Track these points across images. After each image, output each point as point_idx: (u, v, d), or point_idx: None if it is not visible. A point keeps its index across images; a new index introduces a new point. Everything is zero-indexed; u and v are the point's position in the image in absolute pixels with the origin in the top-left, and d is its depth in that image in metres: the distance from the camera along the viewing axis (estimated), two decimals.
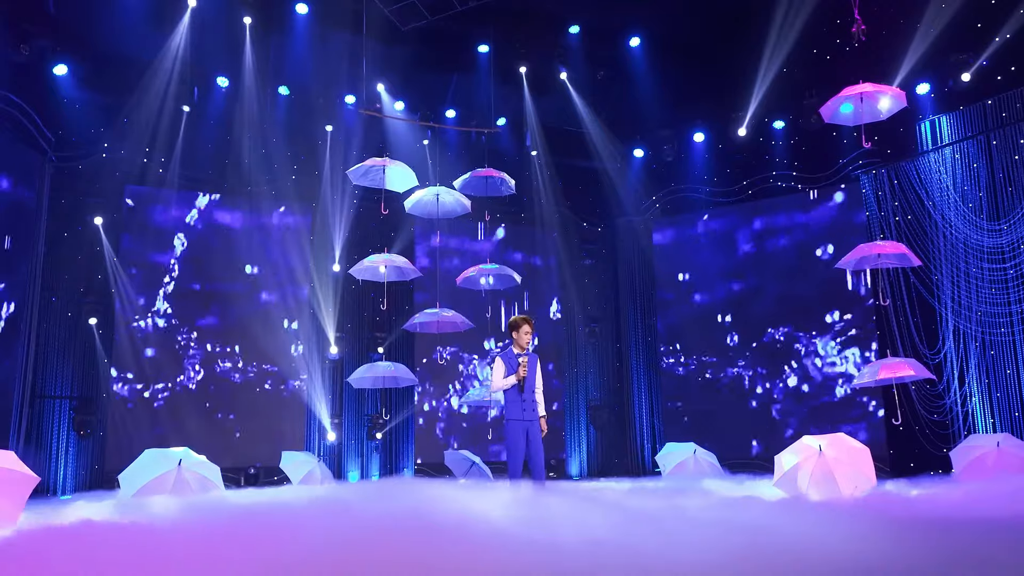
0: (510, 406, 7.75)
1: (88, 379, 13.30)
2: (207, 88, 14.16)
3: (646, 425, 16.01)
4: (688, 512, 6.57)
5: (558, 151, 16.07)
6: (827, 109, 10.66)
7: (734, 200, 15.63)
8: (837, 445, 9.46)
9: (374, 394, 15.23)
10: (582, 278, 16.82)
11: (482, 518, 5.65)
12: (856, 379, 10.67)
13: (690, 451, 12.67)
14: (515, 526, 5.50)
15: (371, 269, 11.65)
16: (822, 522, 6.17)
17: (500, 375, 7.77)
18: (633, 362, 16.29)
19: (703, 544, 5.13)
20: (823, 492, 9.03)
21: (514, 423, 7.76)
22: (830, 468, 9.22)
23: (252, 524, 6.14)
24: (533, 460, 7.86)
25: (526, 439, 7.79)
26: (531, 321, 7.94)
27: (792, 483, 9.30)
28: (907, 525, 6.21)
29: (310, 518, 6.29)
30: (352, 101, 15.11)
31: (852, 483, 9.17)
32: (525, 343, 7.68)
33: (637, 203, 16.44)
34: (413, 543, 4.73)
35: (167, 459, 9.60)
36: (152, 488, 9.26)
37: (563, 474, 16.02)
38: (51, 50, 12.64)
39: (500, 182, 12.15)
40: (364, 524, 5.49)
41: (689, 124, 15.73)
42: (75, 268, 13.41)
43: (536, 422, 7.79)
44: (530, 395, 7.80)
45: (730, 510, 6.55)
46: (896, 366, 10.06)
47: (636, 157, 16.40)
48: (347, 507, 7.05)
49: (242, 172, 14.50)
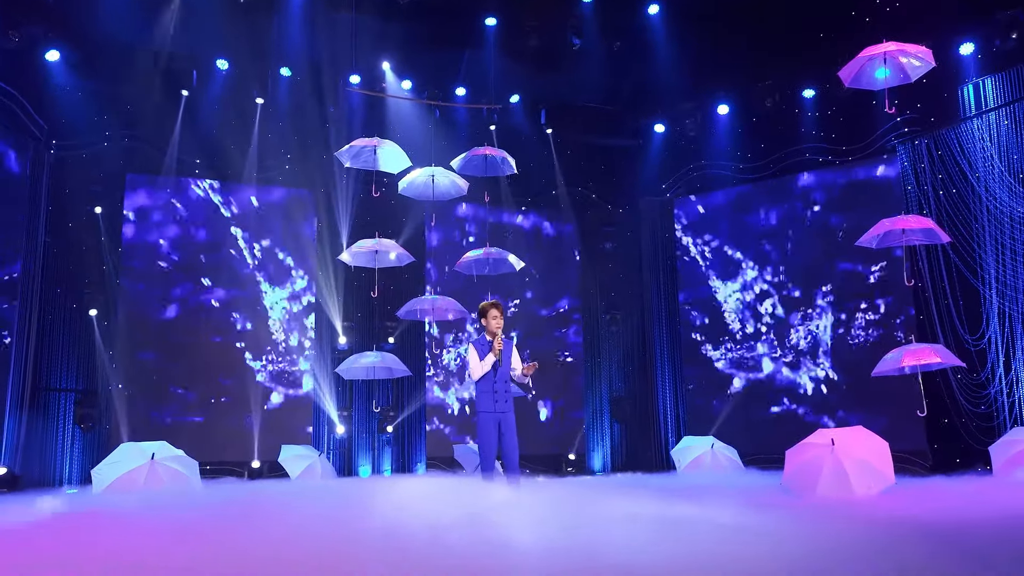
0: (481, 397, 7.51)
1: (90, 371, 13.39)
2: (206, 72, 14.08)
3: (671, 417, 15.47)
4: (645, 513, 6.21)
5: (574, 128, 15.60)
6: (848, 72, 9.98)
7: (762, 176, 14.96)
8: (852, 439, 8.88)
9: (385, 386, 15.04)
10: (603, 262, 16.34)
11: (419, 519, 5.47)
12: (877, 367, 9.98)
13: (707, 445, 12.18)
14: (453, 529, 5.26)
15: (362, 255, 11.41)
16: (789, 529, 5.72)
17: (476, 361, 7.53)
18: (657, 351, 15.75)
19: (632, 546, 4.80)
20: (834, 491, 8.48)
21: (485, 415, 7.51)
22: (842, 465, 8.65)
23: (153, 524, 6.03)
24: (507, 454, 7.60)
25: (498, 432, 7.53)
26: (499, 306, 7.70)
27: (800, 481, 8.77)
28: (876, 531, 5.72)
29: (231, 516, 6.13)
30: (357, 81, 14.87)
31: (866, 481, 8.60)
32: (495, 328, 7.46)
33: (659, 182, 15.89)
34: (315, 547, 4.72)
35: (141, 453, 9.60)
36: (123, 483, 9.26)
37: (585, 469, 15.57)
38: (43, 36, 12.69)
39: (501, 160, 11.83)
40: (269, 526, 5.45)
41: (713, 96, 15.07)
42: (77, 258, 13.50)
43: (508, 414, 7.52)
44: (503, 385, 7.54)
45: (684, 510, 6.10)
46: (920, 352, 9.36)
47: (657, 133, 15.80)
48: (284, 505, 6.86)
49: (244, 157, 14.41)
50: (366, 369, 11.79)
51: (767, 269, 15.15)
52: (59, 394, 13.17)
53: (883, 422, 13.45)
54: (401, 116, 14.84)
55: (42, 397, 12.96)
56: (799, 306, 14.74)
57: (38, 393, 12.88)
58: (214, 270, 14.59)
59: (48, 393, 13.11)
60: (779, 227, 14.99)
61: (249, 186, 14.80)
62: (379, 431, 14.88)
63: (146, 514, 6.40)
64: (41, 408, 12.89)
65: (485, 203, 12.64)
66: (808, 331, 14.64)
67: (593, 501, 7.20)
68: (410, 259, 11.92)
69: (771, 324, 15.04)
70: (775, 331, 14.96)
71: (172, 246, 14.42)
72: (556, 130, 15.63)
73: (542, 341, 15.99)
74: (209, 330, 14.46)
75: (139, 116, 13.70)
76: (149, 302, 14.16)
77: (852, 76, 10.00)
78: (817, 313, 14.57)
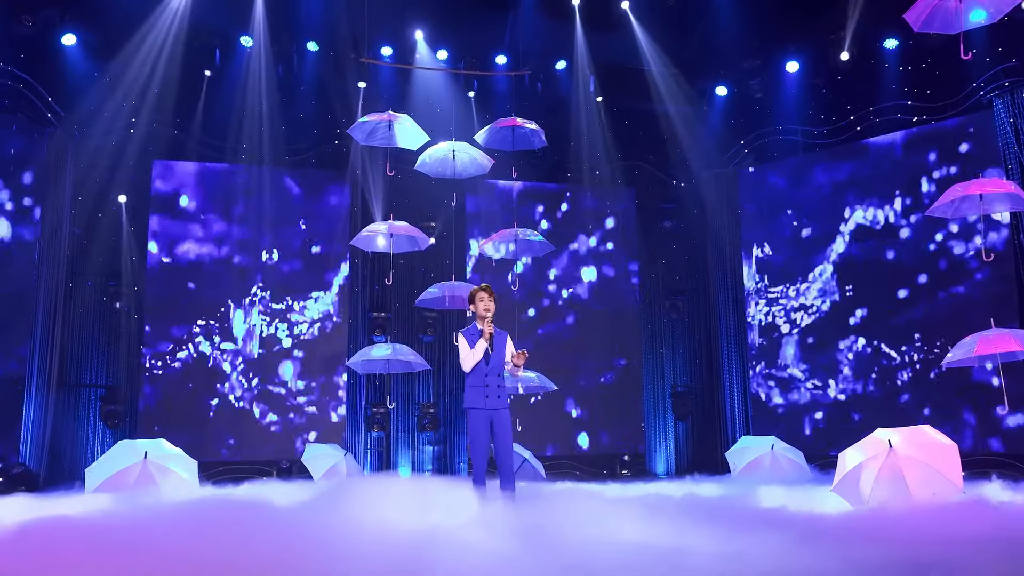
0: (470, 392, 7.20)
1: (117, 367, 13.67)
2: (229, 49, 14.12)
3: (738, 414, 14.70)
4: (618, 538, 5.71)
5: (626, 95, 14.96)
6: (917, 15, 9.06)
7: (838, 140, 14.03)
8: (914, 440, 8.12)
9: (426, 381, 14.86)
10: (662, 243, 15.68)
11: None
12: (947, 357, 9.05)
13: (767, 447, 11.45)
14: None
15: (370, 239, 11.18)
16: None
17: (466, 350, 7.22)
18: (724, 340, 15.01)
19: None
20: (890, 498, 7.77)
21: (475, 412, 7.19)
22: (900, 469, 7.90)
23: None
24: (500, 458, 7.25)
25: (491, 432, 7.20)
26: (489, 289, 7.33)
27: (853, 488, 8.08)
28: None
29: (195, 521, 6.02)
30: (389, 53, 14.65)
31: (929, 488, 7.83)
32: (483, 312, 7.15)
33: (723, 151, 15.14)
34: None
35: (134, 451, 9.61)
36: (114, 482, 9.33)
37: (645, 472, 14.93)
38: (58, 20, 12.93)
39: (531, 133, 11.40)
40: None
41: (780, 52, 14.17)
42: (101, 250, 13.80)
43: (501, 411, 7.19)
44: (494, 379, 7.20)
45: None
46: (997, 340, 8.42)
47: (719, 96, 15.01)
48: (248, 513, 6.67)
49: (272, 139, 14.43)
50: (382, 363, 11.51)
51: (846, 246, 14.15)
52: (85, 390, 13.50)
53: (971, 419, 12.42)
54: (434, 89, 14.53)
55: (68, 393, 13.30)
56: (890, 287, 13.65)
57: (64, 389, 13.22)
58: (244, 258, 14.66)
59: (75, 389, 13.45)
60: (858, 198, 13.94)
61: (278, 168, 14.80)
62: (419, 429, 14.68)
63: (83, 525, 6.27)
64: (67, 405, 13.24)
65: (513, 176, 12.16)
66: (900, 313, 13.55)
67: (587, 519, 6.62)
68: (427, 242, 11.63)
69: (856, 309, 14.04)
70: (863, 318, 13.96)
71: (201, 235, 14.55)
72: (606, 98, 15.03)
73: (593, 331, 15.47)
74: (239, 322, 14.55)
75: (162, 99, 13.83)
76: (177, 293, 14.33)
77: (922, 20, 9.08)
78: (907, 291, 13.47)
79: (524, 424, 14.41)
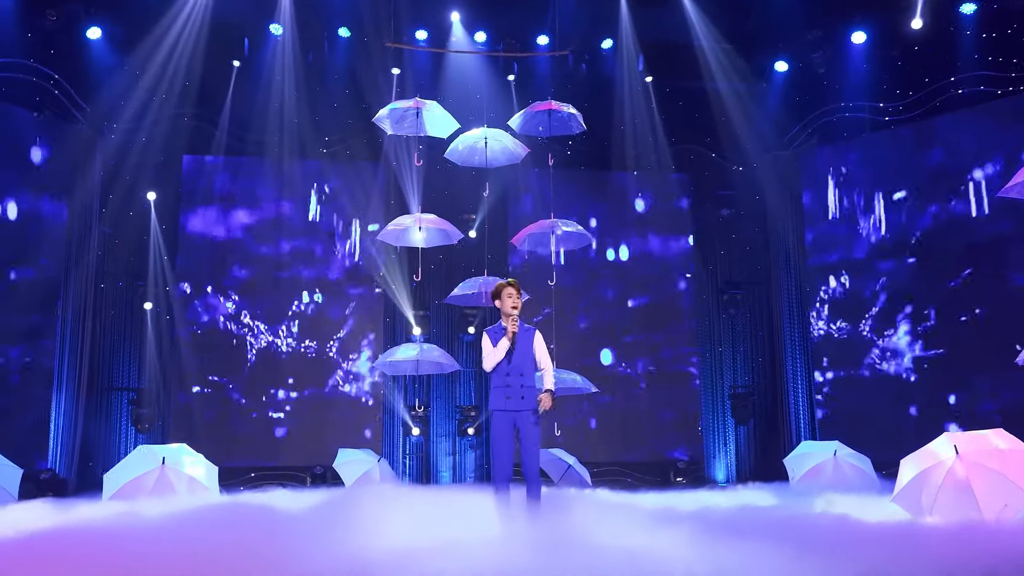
0: (493, 393, 7.10)
1: (146, 370, 13.80)
2: (258, 38, 14.11)
3: (803, 417, 14.11)
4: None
5: (677, 75, 14.53)
6: None
7: (911, 116, 13.34)
8: (984, 446, 7.62)
9: (467, 383, 14.68)
10: (718, 232, 15.25)
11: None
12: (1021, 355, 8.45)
13: (830, 452, 10.95)
14: None
15: (398, 233, 11.02)
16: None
17: (488, 349, 7.09)
18: (787, 337, 14.49)
19: None
20: (955, 511, 7.32)
21: (498, 414, 7.06)
22: (967, 479, 7.39)
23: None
24: (524, 463, 7.10)
25: (515, 435, 7.06)
26: (515, 284, 7.18)
27: (915, 498, 7.63)
28: None
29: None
30: (424, 37, 14.48)
31: (1000, 499, 7.30)
32: (509, 309, 7.01)
33: (783, 132, 14.61)
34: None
35: (152, 457, 9.61)
36: (131, 489, 9.34)
37: (702, 479, 14.45)
38: (82, 13, 13.09)
39: (568, 117, 11.14)
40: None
41: (845, 21, 13.52)
42: (132, 249, 13.95)
43: (525, 412, 7.02)
44: (517, 379, 7.04)
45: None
46: None
47: (778, 73, 14.44)
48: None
49: (304, 130, 14.40)
50: (411, 364, 11.34)
51: (922, 233, 13.46)
52: (116, 394, 13.68)
53: None
54: (471, 74, 14.31)
55: (98, 397, 13.49)
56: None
57: (94, 393, 13.41)
58: (274, 255, 14.68)
59: (105, 393, 13.64)
60: (934, 181, 13.23)
61: (312, 160, 14.77)
62: (459, 434, 14.49)
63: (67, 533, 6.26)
64: (97, 409, 13.44)
65: (548, 165, 11.86)
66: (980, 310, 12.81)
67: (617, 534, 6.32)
68: (459, 235, 11.44)
69: (932, 304, 13.36)
70: (941, 314, 13.25)
71: (234, 232, 14.61)
72: (656, 78, 14.62)
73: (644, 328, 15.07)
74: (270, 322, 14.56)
75: (191, 92, 13.91)
76: (208, 294, 14.41)
77: None
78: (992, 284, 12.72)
79: (569, 427, 14.18)
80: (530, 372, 7.09)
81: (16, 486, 9.86)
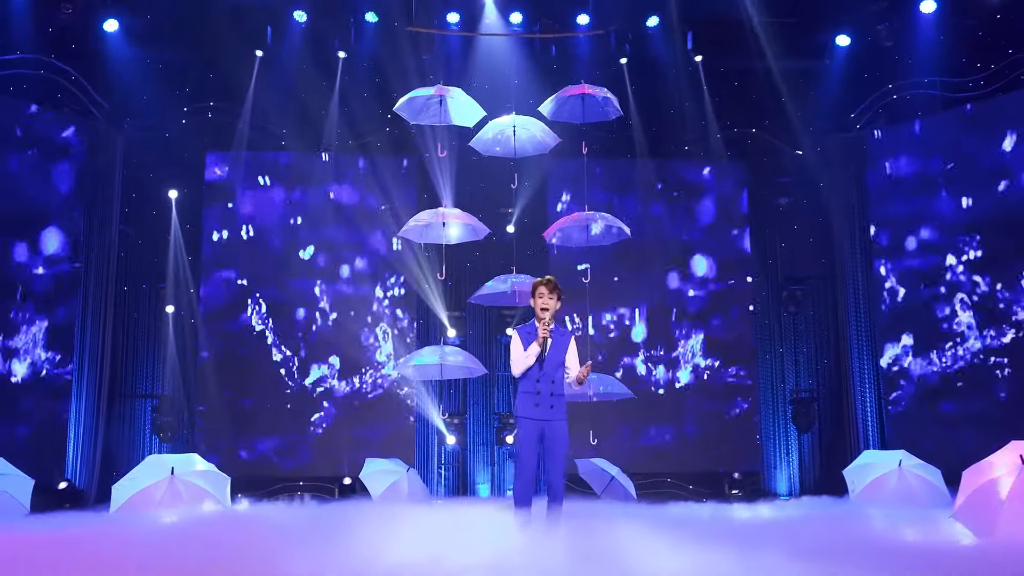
0: (521, 399, 6.93)
1: (168, 376, 13.75)
2: (281, 27, 13.93)
3: (872, 424, 13.48)
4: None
5: (730, 53, 14.00)
6: None
7: (988, 92, 12.66)
8: None
9: (505, 388, 14.34)
10: (778, 223, 14.72)
11: None
12: None
13: (894, 463, 10.36)
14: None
15: (420, 229, 10.74)
16: None
17: (518, 352, 6.89)
18: (853, 338, 13.88)
19: None
20: (1020, 529, 6.78)
21: (525, 422, 6.89)
22: None
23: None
24: (548, 475, 6.98)
25: (540, 444, 6.88)
26: (550, 283, 6.93)
27: (976, 515, 7.13)
28: None
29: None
30: (456, 20, 14.18)
31: None
32: (541, 309, 6.81)
33: (846, 112, 14.04)
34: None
35: (162, 467, 9.55)
36: (139, 500, 9.32)
37: (761, 492, 13.87)
38: (99, 5, 13.09)
39: (603, 102, 10.83)
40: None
41: None
42: (154, 249, 13.91)
43: (554, 422, 6.85)
44: (548, 386, 6.86)
45: None
46: None
47: (840, 48, 13.82)
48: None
49: (332, 122, 14.22)
50: (436, 368, 11.04)
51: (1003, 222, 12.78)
52: (139, 400, 13.66)
53: None
54: (505, 58, 13.95)
55: (119, 405, 13.49)
56: None
57: (114, 400, 13.40)
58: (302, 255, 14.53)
59: (127, 399, 13.63)
60: (1014, 160, 12.50)
61: (341, 156, 14.60)
62: (497, 443, 14.15)
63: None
64: (118, 417, 13.44)
65: (583, 155, 11.46)
66: None
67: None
68: (485, 231, 11.14)
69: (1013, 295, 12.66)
70: None
71: (257, 230, 14.50)
72: (707, 57, 14.13)
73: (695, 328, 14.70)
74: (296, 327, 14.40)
75: (212, 86, 13.85)
76: (232, 296, 14.32)
77: None
78: None
79: (611, 435, 13.73)
80: (561, 380, 6.90)
81: (27, 497, 9.84)
